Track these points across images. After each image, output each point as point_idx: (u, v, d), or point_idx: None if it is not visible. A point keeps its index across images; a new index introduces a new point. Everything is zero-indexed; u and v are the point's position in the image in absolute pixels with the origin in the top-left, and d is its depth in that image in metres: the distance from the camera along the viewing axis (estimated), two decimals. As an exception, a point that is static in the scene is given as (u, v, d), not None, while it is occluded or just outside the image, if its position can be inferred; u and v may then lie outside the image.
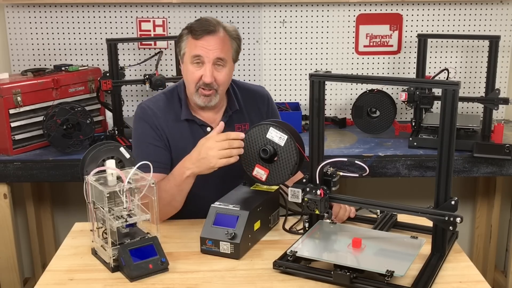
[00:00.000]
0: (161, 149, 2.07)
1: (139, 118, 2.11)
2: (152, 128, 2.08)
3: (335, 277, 1.57)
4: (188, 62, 2.03)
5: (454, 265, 1.71)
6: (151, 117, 2.09)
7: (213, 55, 2.00)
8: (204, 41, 1.99)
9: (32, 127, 2.74)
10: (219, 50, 2.01)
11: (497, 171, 2.67)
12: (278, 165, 1.83)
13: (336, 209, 1.97)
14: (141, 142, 2.09)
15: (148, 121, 2.08)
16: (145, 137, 2.08)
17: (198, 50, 2.00)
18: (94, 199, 1.68)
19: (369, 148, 2.77)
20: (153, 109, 2.10)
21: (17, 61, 3.15)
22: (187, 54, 2.04)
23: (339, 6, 3.17)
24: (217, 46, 2.00)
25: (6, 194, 2.68)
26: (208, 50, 1.99)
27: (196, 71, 2.02)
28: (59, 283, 1.64)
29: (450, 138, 1.59)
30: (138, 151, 2.06)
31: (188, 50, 2.03)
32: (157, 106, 2.11)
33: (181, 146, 2.09)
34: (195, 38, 2.00)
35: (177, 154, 2.08)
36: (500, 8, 3.17)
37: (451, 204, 1.62)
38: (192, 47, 2.01)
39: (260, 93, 2.24)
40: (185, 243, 1.85)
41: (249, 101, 2.20)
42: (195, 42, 2.00)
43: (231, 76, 2.11)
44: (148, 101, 2.14)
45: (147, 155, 1.94)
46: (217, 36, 2.01)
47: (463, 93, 3.17)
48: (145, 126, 2.08)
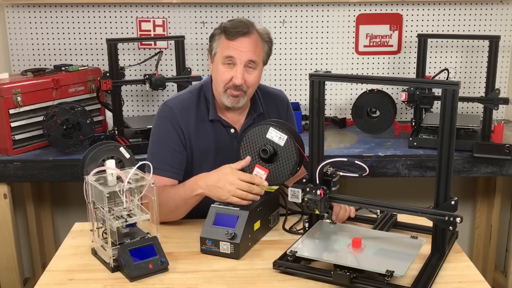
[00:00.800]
0: (178, 153, 2.04)
1: (163, 117, 2.06)
2: (175, 129, 2.04)
3: (335, 277, 1.57)
4: (219, 62, 2.00)
5: (454, 265, 1.71)
6: (176, 117, 2.04)
7: (246, 57, 1.97)
8: (238, 42, 1.97)
9: (32, 127, 2.74)
10: (252, 52, 1.98)
11: (497, 171, 2.67)
12: (278, 165, 1.83)
13: (337, 209, 1.97)
14: (161, 142, 2.05)
15: (171, 121, 2.04)
16: (166, 138, 2.04)
17: (230, 51, 1.97)
18: (94, 199, 1.68)
19: (369, 148, 2.77)
20: (179, 108, 2.05)
21: (17, 61, 3.15)
22: (218, 54, 2.01)
23: (339, 6, 3.17)
24: (250, 48, 1.98)
25: (6, 194, 2.68)
26: (241, 52, 1.97)
27: (227, 71, 1.99)
28: (59, 283, 1.64)
29: (450, 138, 1.59)
30: (155, 150, 2.03)
31: (220, 50, 2.00)
32: (183, 105, 2.07)
33: (204, 146, 2.06)
34: (228, 39, 1.97)
35: (199, 153, 2.06)
36: (500, 8, 3.17)
37: (451, 204, 1.62)
38: (225, 48, 1.98)
39: (281, 97, 2.23)
40: (185, 243, 1.85)
41: (270, 104, 2.18)
42: (228, 43, 1.98)
43: (260, 79, 2.09)
44: (174, 99, 2.10)
45: (163, 157, 1.93)
46: (250, 38, 1.98)
47: (463, 93, 3.16)
48: (168, 126, 2.04)
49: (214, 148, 2.07)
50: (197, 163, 2.06)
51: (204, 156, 2.06)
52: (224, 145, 2.08)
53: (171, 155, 2.03)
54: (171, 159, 2.02)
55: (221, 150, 2.08)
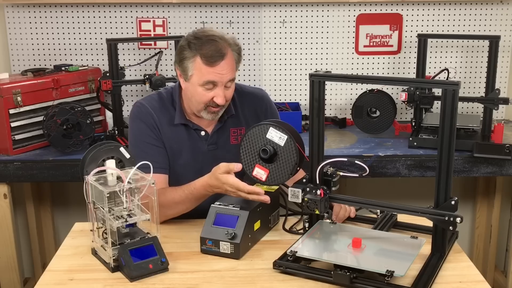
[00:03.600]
0: (159, 148, 2.06)
1: (135, 117, 2.09)
2: (149, 127, 2.06)
3: (335, 277, 1.57)
4: (198, 85, 1.98)
5: (454, 265, 1.71)
6: (147, 116, 2.07)
7: (227, 78, 1.97)
8: (219, 67, 1.95)
9: (32, 127, 2.74)
10: (231, 71, 1.99)
11: (497, 171, 2.67)
12: (278, 165, 1.83)
13: (337, 209, 1.97)
14: (139, 141, 2.07)
15: (144, 120, 2.07)
16: (143, 136, 2.06)
17: (212, 77, 1.95)
18: (94, 199, 1.68)
19: (369, 148, 2.77)
20: (148, 108, 2.08)
21: (17, 61, 3.15)
22: (196, 77, 1.97)
23: (339, 6, 3.17)
24: (229, 69, 1.97)
25: (6, 194, 2.68)
26: (222, 75, 1.96)
27: (207, 93, 1.98)
28: (59, 283, 1.64)
29: (450, 138, 1.59)
30: (137, 150, 2.03)
31: (198, 74, 1.96)
32: (152, 105, 2.09)
33: (176, 148, 2.08)
34: (207, 65, 1.94)
35: (172, 155, 2.08)
36: (500, 8, 3.17)
37: (451, 204, 1.62)
38: (204, 73, 1.95)
39: (258, 95, 2.21)
40: (185, 243, 1.85)
41: (246, 104, 2.17)
42: (207, 69, 1.94)
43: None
44: (143, 99, 2.12)
45: (146, 155, 1.93)
46: (228, 58, 1.97)
47: (463, 93, 3.16)
48: (141, 125, 2.07)
49: (185, 149, 2.08)
50: (171, 163, 2.08)
51: (177, 157, 2.08)
52: (194, 147, 2.10)
53: (153, 151, 2.04)
54: (154, 156, 2.02)
55: (192, 152, 2.10)
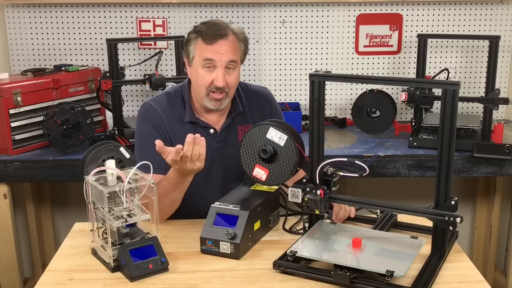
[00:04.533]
0: None
1: (142, 118, 2.10)
2: (155, 128, 2.07)
3: (335, 277, 1.57)
4: (199, 65, 2.01)
5: (454, 265, 1.71)
6: (155, 117, 2.08)
7: (226, 58, 1.99)
8: (217, 45, 1.98)
9: (32, 127, 2.74)
10: (231, 53, 2.00)
11: (497, 171, 2.67)
12: (278, 165, 1.83)
13: (337, 209, 1.97)
14: (144, 142, 2.07)
15: (151, 121, 2.08)
16: (148, 137, 2.06)
17: (210, 54, 1.98)
18: (94, 199, 1.68)
19: (369, 148, 2.77)
20: (156, 109, 2.09)
21: (17, 61, 3.15)
22: (197, 58, 2.02)
23: (339, 6, 3.17)
24: (229, 49, 1.99)
25: (6, 194, 2.68)
26: (221, 54, 1.98)
27: (208, 75, 2.00)
28: (59, 283, 1.64)
29: (450, 138, 1.59)
30: (141, 150, 2.05)
31: (198, 54, 2.01)
32: (160, 106, 2.10)
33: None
34: (206, 43, 1.99)
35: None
36: (500, 8, 3.17)
37: (451, 204, 1.62)
38: (203, 51, 1.99)
39: (264, 94, 2.23)
40: (185, 243, 1.85)
41: (253, 102, 2.19)
42: (206, 47, 1.99)
43: (239, 78, 2.11)
44: (151, 100, 2.13)
45: (151, 156, 1.93)
46: (228, 40, 2.00)
47: (463, 93, 3.16)
48: (148, 126, 2.08)
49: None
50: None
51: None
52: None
53: (156, 152, 2.03)
54: (157, 156, 2.02)
55: None
